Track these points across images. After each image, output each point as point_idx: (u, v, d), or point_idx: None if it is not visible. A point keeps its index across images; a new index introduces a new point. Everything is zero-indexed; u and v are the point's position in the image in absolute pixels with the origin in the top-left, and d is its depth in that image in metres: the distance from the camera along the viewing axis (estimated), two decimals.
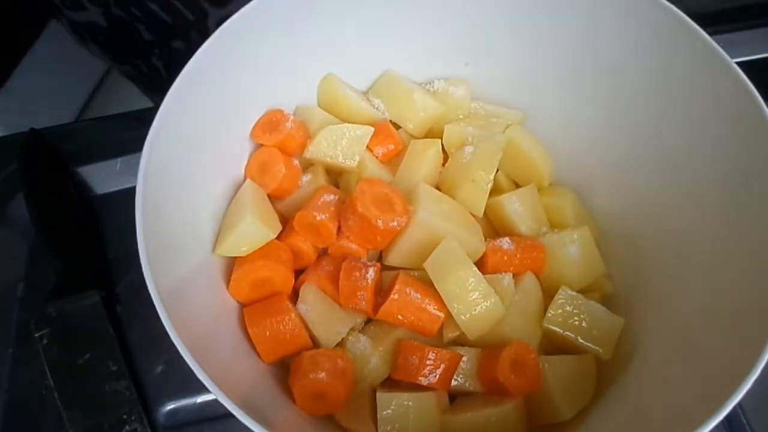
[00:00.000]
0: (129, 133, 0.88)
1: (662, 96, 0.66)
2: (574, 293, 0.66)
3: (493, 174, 0.71)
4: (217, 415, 0.70)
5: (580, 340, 0.64)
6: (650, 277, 0.68)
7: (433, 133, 0.81)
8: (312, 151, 0.73)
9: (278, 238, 0.66)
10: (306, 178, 0.73)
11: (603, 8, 0.67)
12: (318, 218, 0.65)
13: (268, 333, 0.62)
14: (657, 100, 0.67)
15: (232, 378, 0.54)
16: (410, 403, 0.59)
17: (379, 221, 0.63)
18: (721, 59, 0.58)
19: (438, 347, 0.62)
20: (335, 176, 0.77)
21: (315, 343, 0.64)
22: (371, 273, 0.63)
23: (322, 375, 0.57)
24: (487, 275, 0.64)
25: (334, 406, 0.59)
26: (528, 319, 0.64)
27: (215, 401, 0.46)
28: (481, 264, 0.66)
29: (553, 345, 0.66)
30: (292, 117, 0.73)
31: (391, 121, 0.79)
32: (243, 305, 0.65)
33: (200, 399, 0.72)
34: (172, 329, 0.48)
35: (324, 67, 0.77)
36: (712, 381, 0.50)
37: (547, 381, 0.61)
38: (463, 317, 0.61)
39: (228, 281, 0.64)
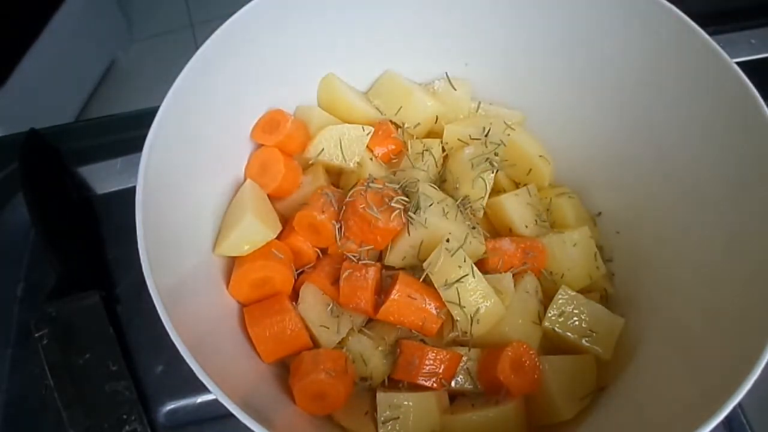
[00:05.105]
0: (129, 133, 0.88)
1: (662, 96, 0.66)
2: (574, 293, 0.66)
3: (494, 174, 0.71)
4: (217, 415, 0.70)
5: (580, 340, 0.64)
6: (650, 277, 0.68)
7: (433, 133, 0.81)
8: (312, 151, 0.73)
9: (278, 238, 0.66)
10: (306, 178, 0.73)
11: (603, 10, 0.67)
12: (318, 218, 0.65)
13: (268, 333, 0.62)
14: (657, 100, 0.67)
15: (233, 378, 0.54)
16: (410, 403, 0.59)
17: (379, 221, 0.63)
18: (721, 59, 0.58)
19: (438, 347, 0.62)
20: (335, 176, 0.77)
21: (315, 343, 0.64)
22: (371, 273, 0.63)
23: (322, 375, 0.57)
24: (487, 275, 0.64)
25: (334, 406, 0.59)
26: (528, 319, 0.64)
27: (215, 401, 0.46)
28: (481, 264, 0.66)
29: (553, 345, 0.66)
30: (292, 117, 0.73)
31: (391, 121, 0.79)
32: (243, 305, 0.65)
33: (200, 399, 0.72)
34: (172, 329, 0.48)
35: (324, 67, 0.77)
36: (712, 381, 0.50)
37: (547, 381, 0.61)
38: (463, 317, 0.61)
39: (228, 281, 0.64)
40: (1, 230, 0.85)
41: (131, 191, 0.53)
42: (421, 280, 0.63)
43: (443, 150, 0.77)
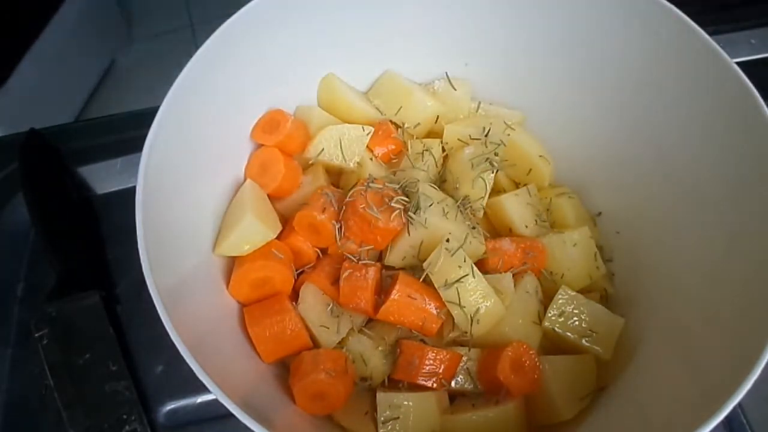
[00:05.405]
0: (129, 133, 0.88)
1: (662, 96, 0.66)
2: (574, 293, 0.66)
3: (494, 174, 0.71)
4: (217, 415, 0.70)
5: (580, 340, 0.64)
6: (650, 278, 0.67)
7: (433, 133, 0.81)
8: (312, 151, 0.73)
9: (278, 238, 0.66)
10: (306, 178, 0.73)
11: (603, 10, 0.67)
12: (318, 218, 0.65)
13: (268, 333, 0.62)
14: (657, 100, 0.67)
15: (232, 378, 0.54)
16: (410, 403, 0.59)
17: (379, 221, 0.63)
18: (721, 59, 0.58)
19: (438, 347, 0.62)
20: (335, 176, 0.77)
21: (315, 343, 0.64)
22: (371, 273, 0.63)
23: (322, 375, 0.57)
24: (487, 275, 0.64)
25: (334, 406, 0.59)
26: (528, 319, 0.64)
27: (215, 401, 0.46)
28: (481, 264, 0.66)
29: (553, 345, 0.66)
30: (292, 117, 0.73)
31: (391, 121, 0.79)
32: (243, 305, 0.65)
33: (200, 399, 0.72)
34: (172, 329, 0.48)
35: (324, 67, 0.77)
36: (712, 381, 0.50)
37: (547, 381, 0.61)
38: (463, 317, 0.61)
39: (228, 281, 0.64)
40: (1, 230, 0.85)
41: (131, 191, 0.53)
42: (421, 280, 0.63)
43: (443, 150, 0.77)
